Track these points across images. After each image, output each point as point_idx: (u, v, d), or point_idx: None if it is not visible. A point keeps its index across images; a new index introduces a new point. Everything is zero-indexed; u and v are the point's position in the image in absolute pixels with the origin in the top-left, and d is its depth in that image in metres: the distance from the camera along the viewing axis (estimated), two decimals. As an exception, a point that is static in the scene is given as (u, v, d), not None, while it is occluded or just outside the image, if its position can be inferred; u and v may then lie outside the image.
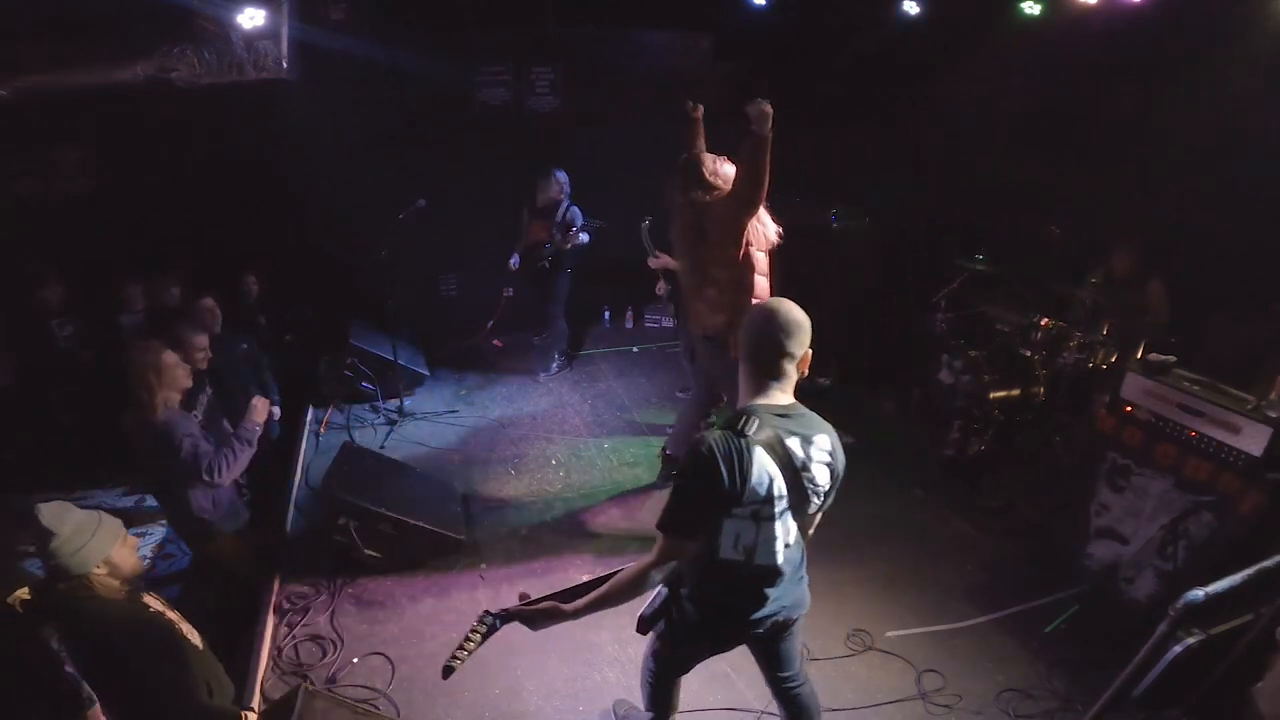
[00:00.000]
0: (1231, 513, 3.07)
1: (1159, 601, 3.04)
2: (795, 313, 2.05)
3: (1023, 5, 4.86)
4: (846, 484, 2.21)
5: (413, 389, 5.60)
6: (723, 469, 1.91)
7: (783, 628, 2.28)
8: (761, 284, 3.65)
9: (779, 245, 3.66)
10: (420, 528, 3.63)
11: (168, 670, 2.27)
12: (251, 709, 2.84)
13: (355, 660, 3.23)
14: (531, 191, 5.60)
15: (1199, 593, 2.35)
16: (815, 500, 2.07)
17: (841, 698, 3.12)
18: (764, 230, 3.60)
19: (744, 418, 1.96)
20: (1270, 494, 2.96)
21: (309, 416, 5.19)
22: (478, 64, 6.07)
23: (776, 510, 2.01)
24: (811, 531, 2.26)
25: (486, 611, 2.16)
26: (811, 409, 2.12)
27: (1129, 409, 3.47)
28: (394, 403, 5.30)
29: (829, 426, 2.11)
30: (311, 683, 2.99)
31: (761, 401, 2.02)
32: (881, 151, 6.31)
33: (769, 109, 3.36)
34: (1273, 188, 3.95)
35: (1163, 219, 4.54)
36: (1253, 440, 3.01)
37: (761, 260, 3.65)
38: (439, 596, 3.63)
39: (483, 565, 3.86)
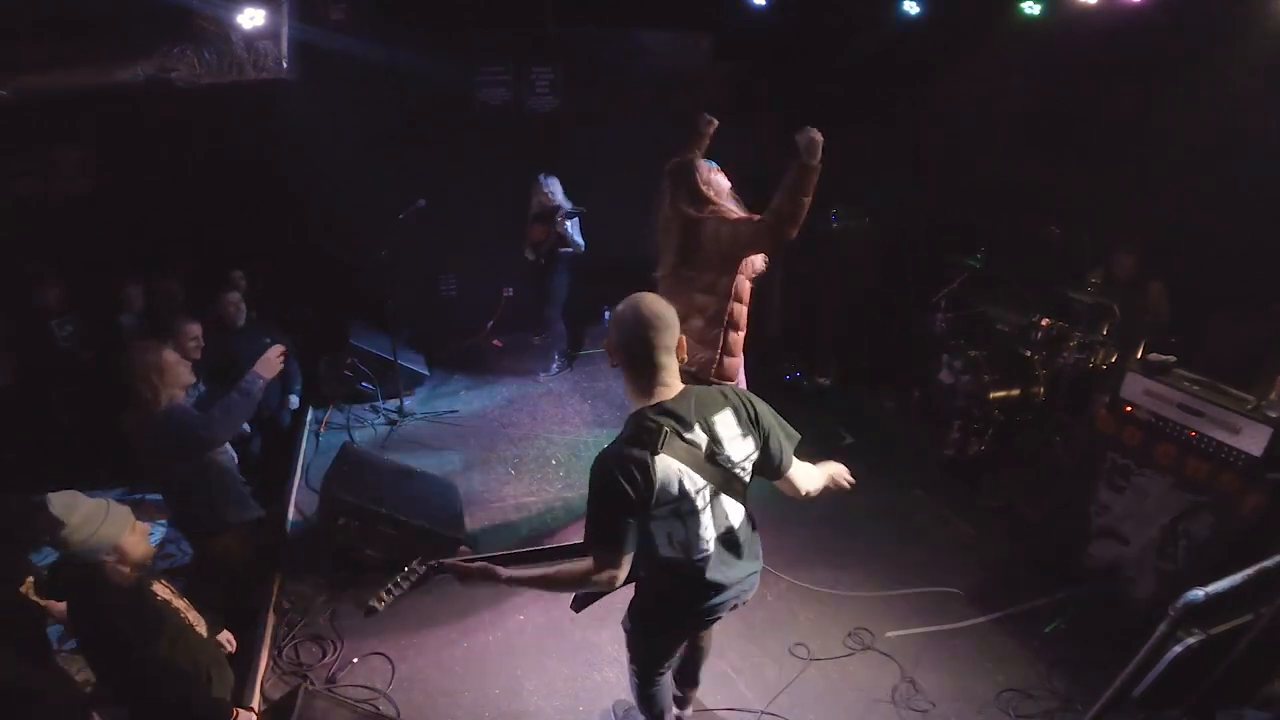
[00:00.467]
0: (1231, 513, 3.07)
1: (1159, 601, 3.02)
2: (657, 304, 2.02)
3: (1023, 5, 4.86)
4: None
5: (413, 389, 5.60)
6: (624, 484, 1.91)
7: (734, 608, 2.31)
8: (742, 315, 3.41)
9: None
10: (420, 528, 3.63)
11: (167, 657, 2.31)
12: (252, 709, 2.84)
13: (355, 660, 3.23)
14: (527, 196, 5.63)
15: (1199, 593, 2.35)
16: (742, 473, 2.09)
17: (842, 698, 3.12)
18: (754, 256, 3.33)
19: (636, 426, 1.97)
20: (1270, 494, 2.96)
21: (309, 416, 5.19)
22: (478, 64, 6.07)
23: (699, 504, 2.04)
24: (811, 489, 2.31)
25: (420, 560, 2.20)
26: (811, 409, 2.13)
27: (1129, 409, 3.47)
28: (394, 403, 5.30)
29: (726, 395, 2.11)
30: (311, 683, 2.99)
31: (650, 403, 2.01)
32: (881, 151, 6.31)
33: (818, 137, 3.13)
34: (1273, 188, 3.94)
35: (1163, 219, 4.54)
36: (1253, 440, 3.01)
37: (746, 290, 3.40)
38: (439, 597, 3.63)
39: (483, 565, 3.85)
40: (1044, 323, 4.55)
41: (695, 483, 2.01)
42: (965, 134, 5.72)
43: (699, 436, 2.01)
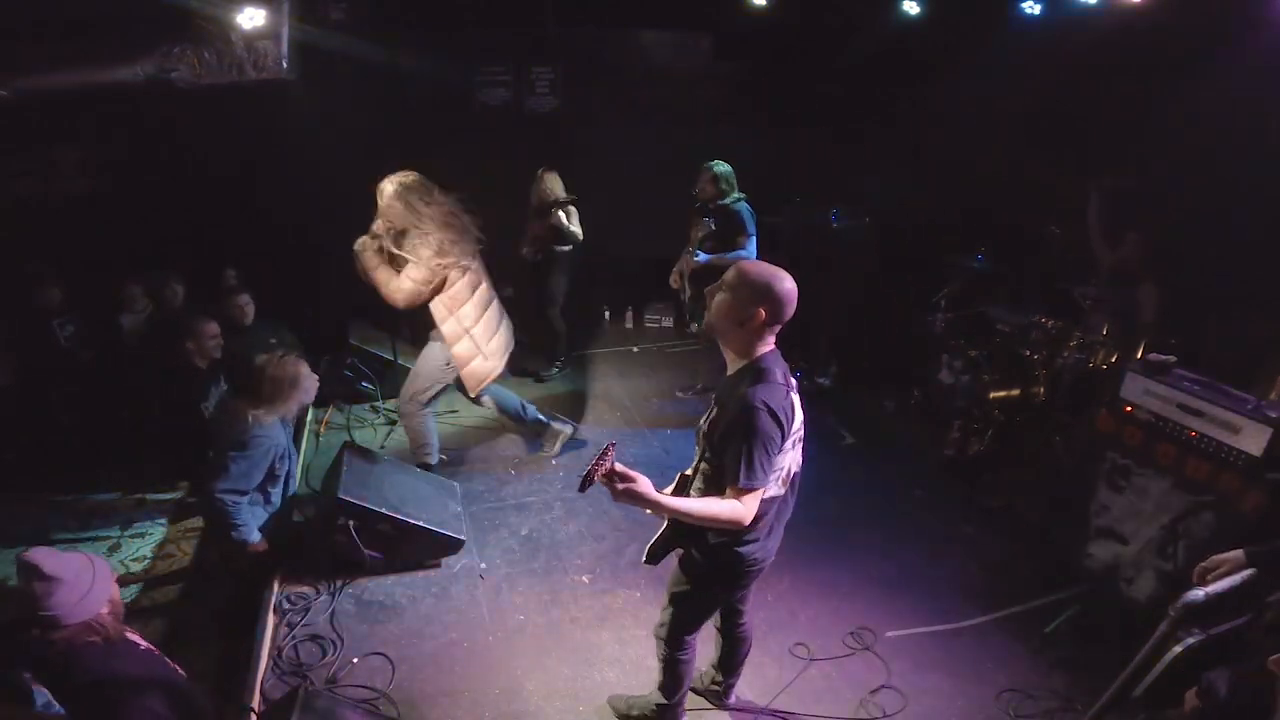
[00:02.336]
0: (1231, 513, 3.07)
1: (1159, 601, 3.03)
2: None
3: (1023, 5, 4.87)
4: (847, 482, 2.25)
5: (413, 389, 5.60)
6: (781, 422, 2.17)
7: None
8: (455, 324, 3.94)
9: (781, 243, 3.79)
10: (420, 528, 3.63)
11: (165, 707, 2.15)
12: (252, 709, 2.84)
13: (355, 660, 3.23)
14: (527, 195, 5.63)
15: (1199, 593, 2.36)
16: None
17: (842, 697, 3.12)
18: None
19: (770, 369, 2.22)
20: (1270, 494, 2.96)
21: (309, 416, 5.19)
22: (478, 64, 6.08)
23: (798, 438, 2.34)
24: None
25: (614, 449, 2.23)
26: (811, 409, 2.18)
27: (1129, 409, 3.47)
28: (394, 403, 5.29)
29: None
30: (311, 683, 2.99)
31: (766, 350, 2.25)
32: (881, 151, 6.32)
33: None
34: (1273, 188, 3.94)
35: (1163, 219, 4.54)
36: (1253, 440, 3.01)
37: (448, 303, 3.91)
38: (439, 596, 3.63)
39: (483, 565, 3.86)
40: (1045, 323, 4.55)
41: (800, 417, 2.32)
42: (965, 134, 5.72)
43: (790, 379, 2.31)
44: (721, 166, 4.88)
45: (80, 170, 5.32)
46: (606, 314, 7.11)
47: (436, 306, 3.91)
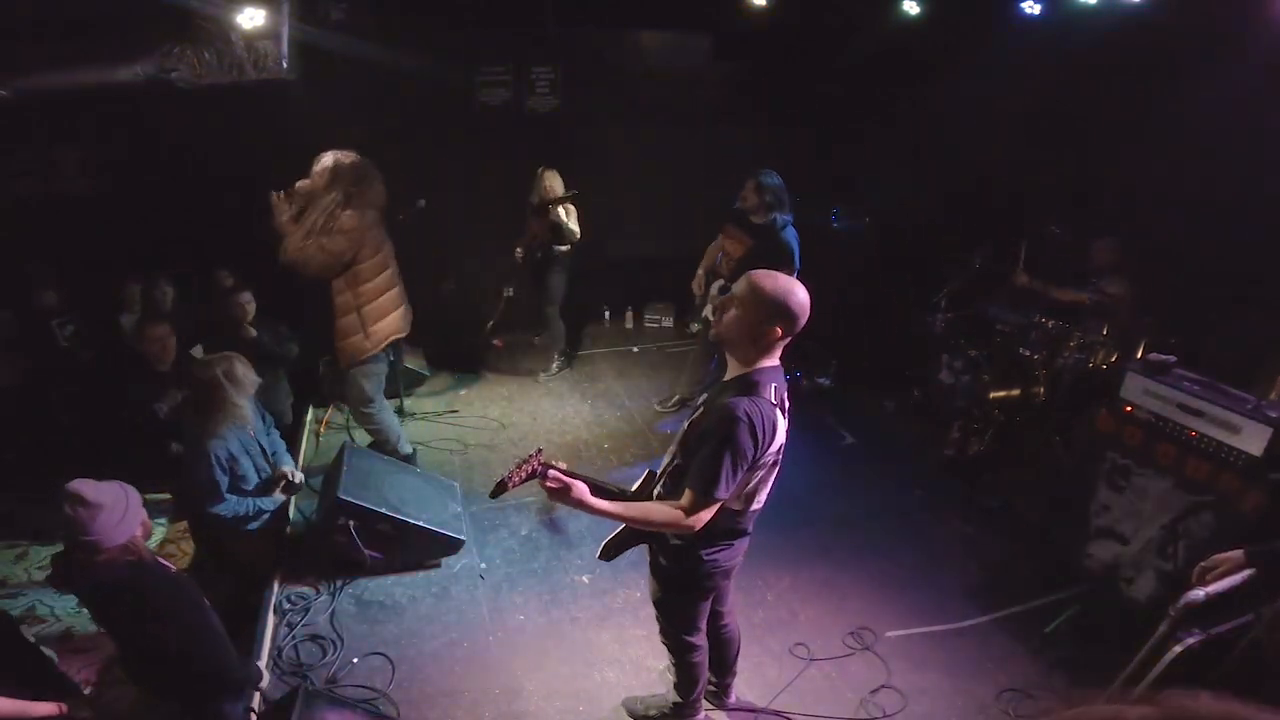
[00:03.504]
0: (1231, 513, 3.07)
1: (1159, 601, 3.03)
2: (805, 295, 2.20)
3: (1023, 5, 4.86)
4: (847, 482, 2.24)
5: (413, 389, 5.60)
6: (756, 436, 2.10)
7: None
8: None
9: None
10: (420, 528, 3.63)
11: (200, 622, 2.42)
12: (252, 709, 2.84)
13: (355, 660, 3.23)
14: (528, 195, 5.63)
15: (1199, 593, 2.36)
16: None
17: (842, 697, 3.12)
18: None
19: (761, 383, 2.15)
20: (1270, 494, 2.96)
21: (309, 416, 5.19)
22: (478, 64, 6.07)
23: (777, 460, 2.27)
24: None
25: (539, 450, 2.35)
26: (811, 409, 2.17)
27: (1129, 409, 3.47)
28: (394, 403, 5.29)
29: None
30: (311, 683, 2.99)
31: (767, 364, 2.19)
32: (881, 151, 6.32)
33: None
34: (1273, 187, 3.95)
35: (1162, 219, 4.54)
36: (1253, 440, 3.01)
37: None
38: (439, 596, 3.63)
39: (482, 565, 3.86)
40: (1045, 323, 4.55)
41: (780, 441, 2.21)
42: (965, 134, 5.72)
43: (784, 398, 2.24)
44: (771, 178, 4.40)
45: (80, 170, 5.31)
46: (606, 314, 7.11)
47: (337, 279, 3.99)
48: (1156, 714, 0.78)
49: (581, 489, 2.22)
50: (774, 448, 2.20)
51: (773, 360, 2.20)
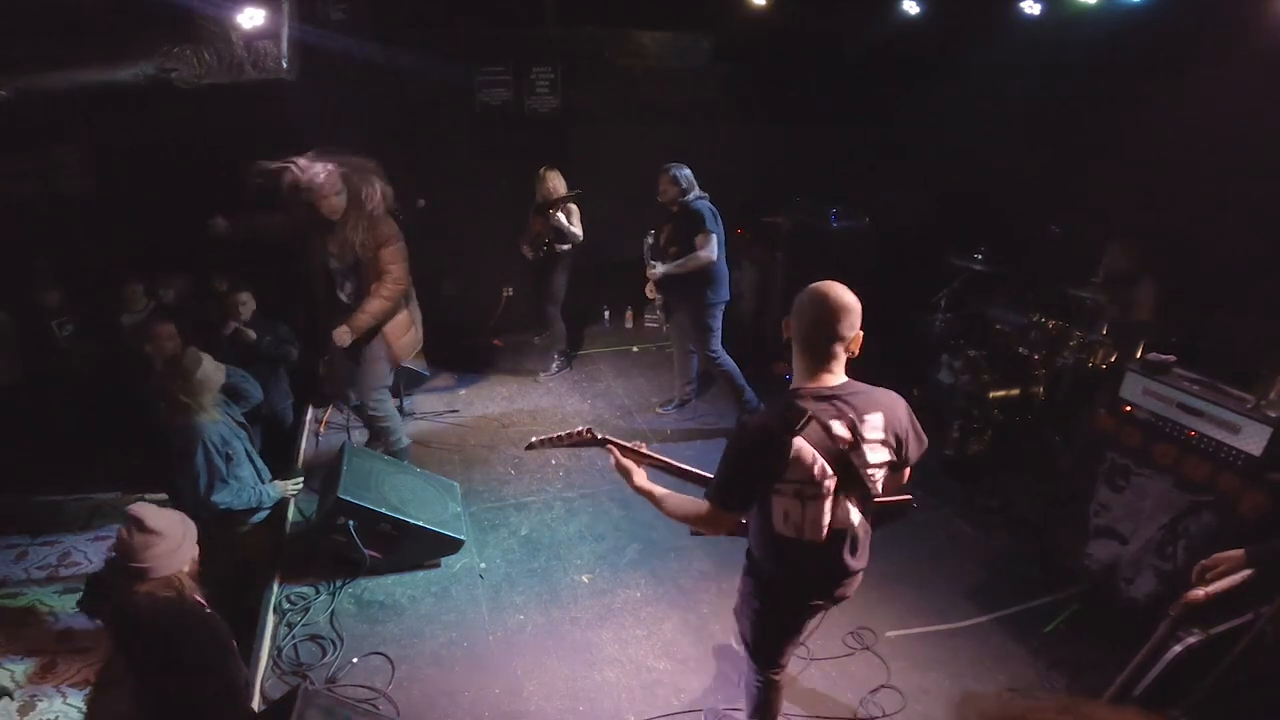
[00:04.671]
0: (1231, 513, 3.07)
1: (1159, 601, 3.03)
2: (846, 295, 2.09)
3: (1023, 5, 4.86)
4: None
5: (413, 389, 5.60)
6: (757, 454, 2.03)
7: (836, 603, 2.34)
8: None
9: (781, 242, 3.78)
10: (420, 528, 3.63)
11: (229, 671, 2.36)
12: (252, 709, 2.84)
13: (355, 660, 3.23)
14: (528, 195, 5.63)
15: (1199, 593, 2.36)
16: (870, 479, 2.09)
17: (841, 697, 3.12)
18: None
19: (786, 404, 2.04)
20: (1270, 494, 2.96)
21: (309, 416, 5.19)
22: (478, 64, 6.07)
23: (822, 491, 2.05)
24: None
25: (588, 427, 2.40)
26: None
27: (1129, 409, 3.47)
28: (394, 402, 5.29)
29: (889, 402, 2.14)
30: (311, 683, 2.99)
31: (810, 385, 2.08)
32: (881, 151, 6.32)
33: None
34: (1273, 187, 3.95)
35: (1162, 219, 4.54)
36: (1253, 440, 3.01)
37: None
38: (439, 596, 3.63)
39: (482, 565, 3.86)
40: (1046, 323, 4.54)
41: (825, 471, 2.03)
42: (965, 134, 5.72)
43: (843, 430, 2.04)
44: (679, 169, 4.80)
45: (80, 170, 5.31)
46: (606, 314, 7.12)
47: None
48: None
49: (641, 474, 2.32)
50: (807, 475, 2.01)
51: (820, 378, 2.07)
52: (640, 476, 2.33)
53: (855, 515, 2.14)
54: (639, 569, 3.84)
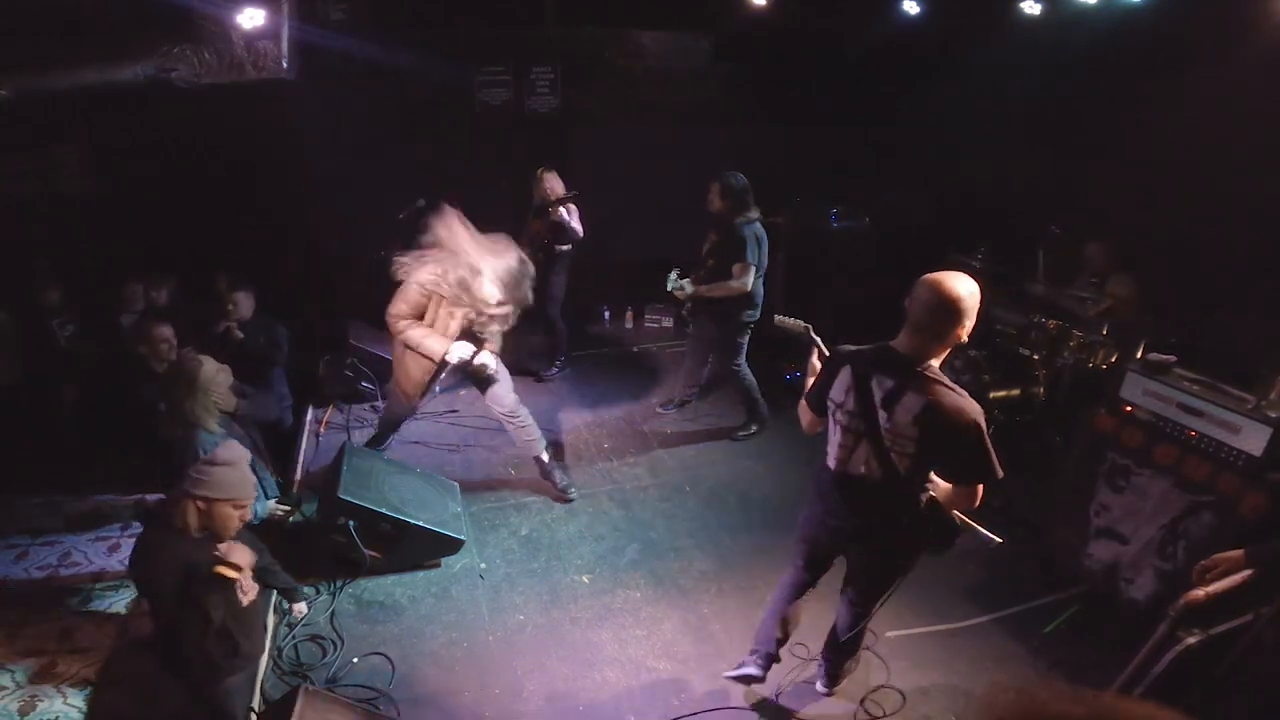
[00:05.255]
0: (1231, 513, 3.07)
1: (1159, 601, 3.03)
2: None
3: (1023, 5, 4.86)
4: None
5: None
6: (822, 369, 2.69)
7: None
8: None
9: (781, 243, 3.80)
10: (420, 528, 3.63)
11: (197, 613, 2.46)
12: (252, 709, 2.84)
13: (355, 660, 3.23)
14: (528, 195, 5.63)
15: (1199, 593, 2.36)
16: (885, 433, 2.42)
17: (842, 697, 3.12)
18: None
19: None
20: (1270, 494, 2.96)
21: (309, 416, 5.19)
22: (478, 64, 6.07)
23: (844, 421, 2.50)
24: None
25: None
26: None
27: (1129, 409, 3.47)
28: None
29: (930, 383, 2.40)
30: (311, 683, 2.99)
31: (894, 339, 2.51)
32: (881, 151, 6.32)
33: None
34: (1272, 186, 3.95)
35: (1162, 218, 4.54)
36: (1253, 440, 3.01)
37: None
38: (439, 596, 3.63)
39: (482, 565, 3.86)
40: (1046, 323, 4.55)
41: (850, 406, 2.54)
42: (965, 134, 5.72)
43: (873, 384, 2.55)
44: (733, 179, 4.51)
45: (81, 170, 5.31)
46: (606, 314, 7.11)
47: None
48: (1083, 713, 0.78)
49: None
50: (834, 396, 2.54)
51: (901, 340, 2.51)
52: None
53: (871, 462, 2.56)
54: (639, 569, 3.84)
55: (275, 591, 3.51)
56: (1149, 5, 4.33)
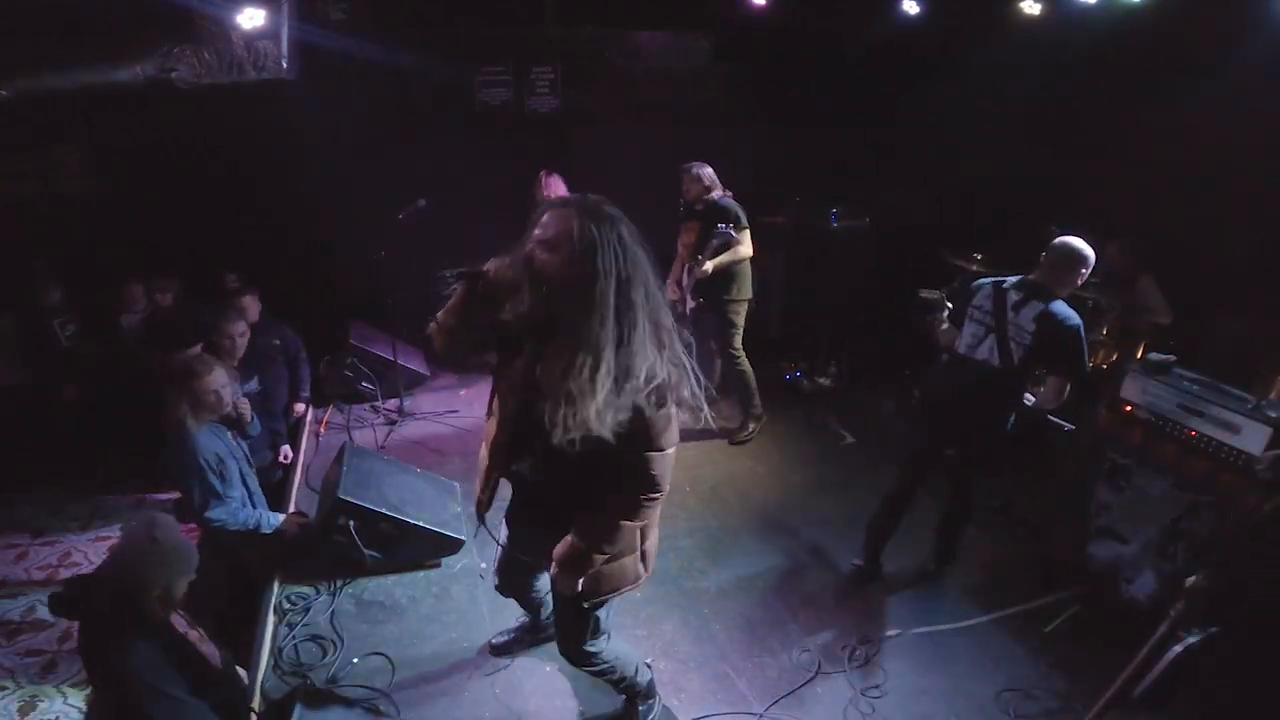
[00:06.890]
0: (1231, 513, 3.07)
1: (1159, 601, 3.03)
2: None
3: (1023, 5, 4.86)
4: (847, 482, 2.21)
5: (413, 389, 5.60)
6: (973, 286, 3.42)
7: None
8: None
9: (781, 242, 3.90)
10: (420, 528, 3.62)
11: (170, 706, 2.28)
12: (252, 709, 2.84)
13: (355, 660, 3.23)
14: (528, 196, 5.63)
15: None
16: (1009, 325, 3.22)
17: (842, 697, 3.12)
18: None
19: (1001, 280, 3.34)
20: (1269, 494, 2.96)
21: (309, 416, 5.19)
22: (478, 64, 6.07)
23: (979, 318, 3.33)
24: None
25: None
26: (811, 409, 2.13)
27: (1129, 409, 3.47)
28: (394, 403, 5.30)
29: (1050, 299, 3.18)
30: (311, 683, 2.99)
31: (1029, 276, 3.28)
32: (881, 151, 6.32)
33: None
34: (1272, 187, 3.95)
35: (1163, 218, 4.54)
36: (1253, 440, 3.01)
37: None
38: (439, 596, 3.63)
39: (482, 565, 3.85)
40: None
41: (982, 318, 3.36)
42: (965, 134, 5.72)
43: (1011, 296, 3.32)
44: (700, 166, 4.80)
45: (81, 170, 5.31)
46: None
47: None
48: None
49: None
50: (976, 303, 3.35)
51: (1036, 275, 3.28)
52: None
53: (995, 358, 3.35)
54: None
55: (274, 592, 3.52)
56: (1149, 5, 4.33)
